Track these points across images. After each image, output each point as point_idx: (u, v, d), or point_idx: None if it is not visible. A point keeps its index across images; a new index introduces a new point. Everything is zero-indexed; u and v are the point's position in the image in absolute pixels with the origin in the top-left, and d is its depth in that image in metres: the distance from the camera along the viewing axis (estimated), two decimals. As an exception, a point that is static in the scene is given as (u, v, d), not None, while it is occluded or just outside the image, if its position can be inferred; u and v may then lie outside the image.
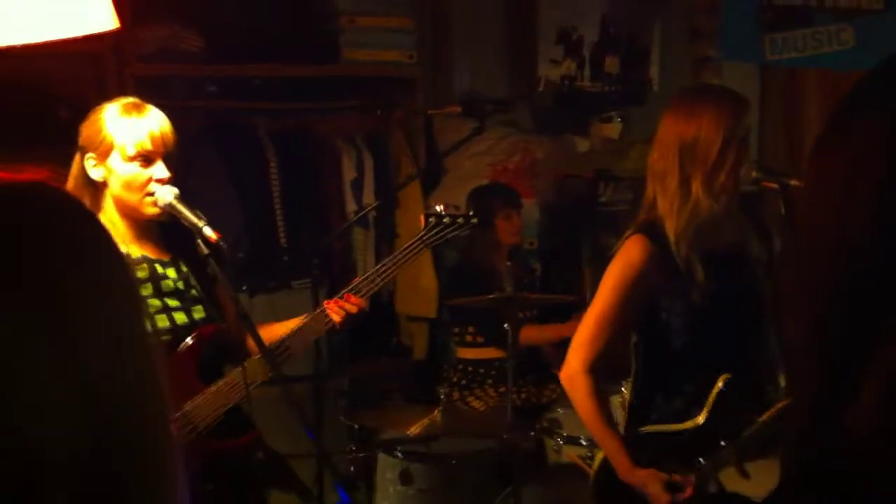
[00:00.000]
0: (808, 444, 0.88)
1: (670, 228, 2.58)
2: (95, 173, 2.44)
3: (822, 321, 0.87)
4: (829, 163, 0.88)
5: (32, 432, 0.75)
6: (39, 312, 0.77)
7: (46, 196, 0.84)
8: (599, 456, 2.72)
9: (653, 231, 2.61)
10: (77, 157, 2.47)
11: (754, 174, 2.58)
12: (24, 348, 0.76)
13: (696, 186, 2.56)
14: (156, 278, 2.49)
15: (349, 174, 4.46)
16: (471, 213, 2.77)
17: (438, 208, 2.76)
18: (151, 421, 0.82)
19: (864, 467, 0.82)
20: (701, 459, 2.58)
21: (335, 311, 2.58)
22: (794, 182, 2.56)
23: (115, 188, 2.43)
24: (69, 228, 0.83)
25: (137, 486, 0.79)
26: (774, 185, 2.58)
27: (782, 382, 2.67)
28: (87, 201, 2.48)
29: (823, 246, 0.87)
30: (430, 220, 2.74)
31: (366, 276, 2.69)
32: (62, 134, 2.55)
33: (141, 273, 2.47)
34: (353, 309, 2.59)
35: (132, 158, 2.41)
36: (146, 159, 2.41)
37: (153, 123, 2.43)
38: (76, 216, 0.85)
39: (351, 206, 4.44)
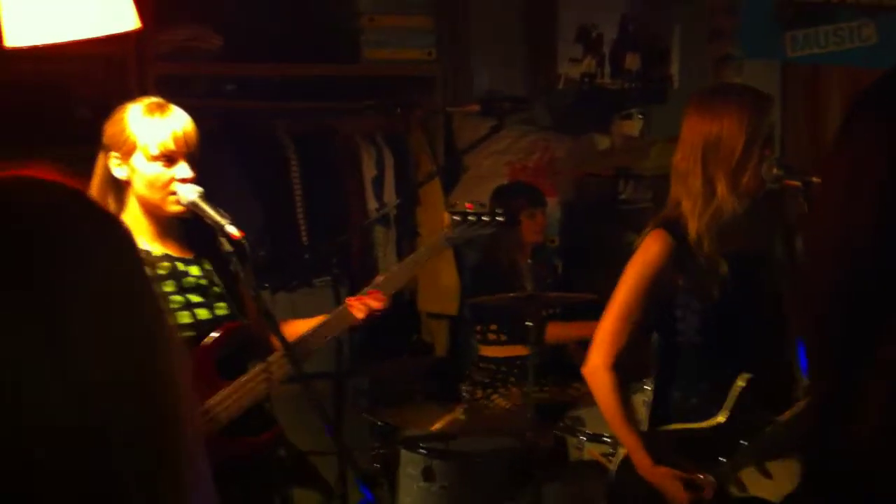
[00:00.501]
0: (814, 444, 0.88)
1: (692, 228, 2.57)
2: (119, 172, 2.45)
3: (823, 321, 0.86)
4: (835, 164, 0.88)
5: (31, 433, 0.75)
6: (36, 312, 0.77)
7: (39, 191, 0.83)
8: (621, 452, 2.72)
9: (674, 227, 2.61)
10: (100, 155, 2.49)
11: (776, 171, 2.57)
12: (21, 349, 0.75)
13: (721, 186, 2.55)
14: (178, 275, 2.50)
15: (370, 172, 4.48)
16: (497, 211, 2.77)
17: (465, 206, 2.76)
18: (157, 421, 0.81)
19: (866, 467, 0.82)
20: (721, 458, 2.58)
21: (357, 307, 2.59)
22: (816, 180, 2.55)
23: (138, 187, 2.45)
24: (63, 224, 0.82)
25: (138, 487, 0.79)
26: (797, 183, 2.56)
27: (804, 382, 2.66)
28: (110, 200, 2.50)
29: (827, 246, 0.86)
30: (455, 218, 2.74)
31: (389, 273, 2.70)
32: (84, 134, 2.56)
33: (162, 270, 2.48)
34: (376, 305, 2.60)
35: (155, 158, 2.42)
36: (169, 159, 2.43)
37: (176, 123, 2.44)
38: (71, 211, 0.84)
39: (372, 205, 4.46)
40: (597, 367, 2.64)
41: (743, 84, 3.22)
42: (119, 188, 2.49)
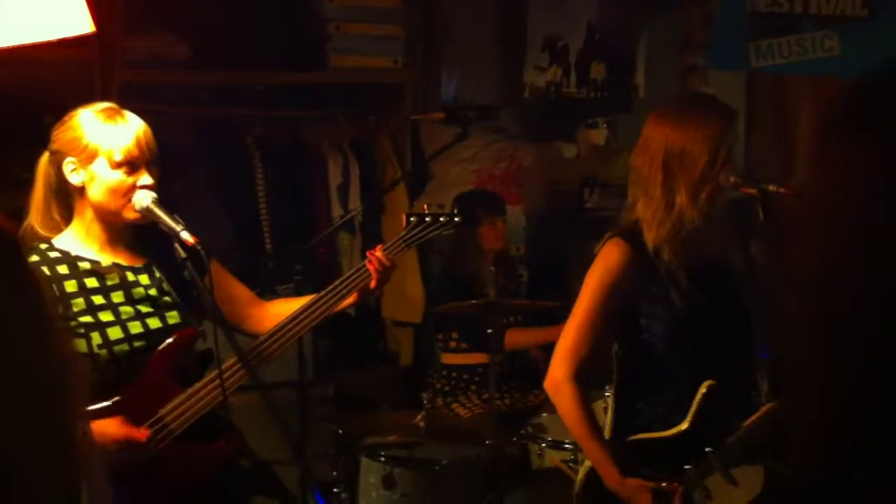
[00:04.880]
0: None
1: (650, 237, 2.56)
2: (75, 178, 2.42)
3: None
4: (820, 182, 0.86)
5: None
6: None
7: None
8: (585, 465, 2.69)
9: (632, 235, 2.60)
10: (45, 161, 2.47)
11: (732, 179, 2.57)
12: None
13: (681, 198, 2.54)
14: (127, 285, 2.48)
15: (335, 179, 4.47)
16: (454, 212, 2.77)
17: (423, 208, 2.77)
18: (49, 439, 0.79)
19: None
20: (686, 467, 2.57)
21: (373, 261, 2.60)
22: (772, 188, 2.55)
23: (96, 194, 2.42)
24: None
25: None
26: (753, 191, 2.57)
27: (765, 388, 2.67)
28: (54, 207, 2.48)
29: (813, 272, 0.86)
30: (412, 219, 2.74)
31: (339, 280, 2.67)
32: (47, 139, 2.54)
33: (111, 280, 2.46)
34: (387, 263, 2.61)
35: (119, 165, 2.40)
36: (132, 166, 2.41)
37: (138, 129, 2.43)
38: None
39: (337, 212, 4.45)
40: (559, 381, 2.60)
41: (711, 97, 3.21)
42: (66, 195, 2.47)
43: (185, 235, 2.35)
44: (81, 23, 2.13)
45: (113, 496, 0.90)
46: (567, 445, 3.41)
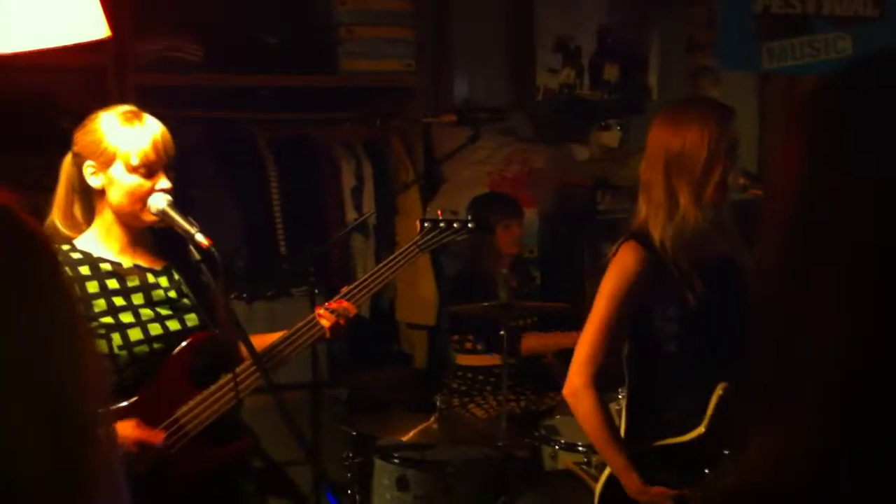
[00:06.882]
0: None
1: (656, 238, 2.57)
2: (94, 181, 2.44)
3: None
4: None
5: None
6: None
7: None
8: (606, 471, 2.68)
9: (644, 237, 2.61)
10: (67, 163, 2.49)
11: (742, 181, 2.58)
12: None
13: (684, 199, 2.55)
14: (147, 287, 2.50)
15: (349, 182, 4.49)
16: (468, 218, 2.79)
17: (437, 213, 2.79)
18: (65, 437, 0.78)
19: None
20: (706, 470, 2.55)
21: (326, 316, 2.58)
22: None
23: (115, 197, 2.44)
24: None
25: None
26: (761, 192, 2.57)
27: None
28: (76, 208, 2.51)
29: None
30: (426, 225, 2.77)
31: (357, 283, 2.70)
32: (64, 143, 2.56)
33: (131, 282, 2.48)
34: (342, 318, 2.59)
35: (135, 169, 2.42)
36: (149, 170, 2.43)
37: (155, 133, 2.44)
38: None
39: (351, 214, 4.46)
40: (579, 388, 2.59)
41: (707, 97, 3.22)
42: (88, 196, 2.49)
43: (200, 238, 2.37)
44: (97, 27, 2.15)
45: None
46: (580, 448, 3.41)
